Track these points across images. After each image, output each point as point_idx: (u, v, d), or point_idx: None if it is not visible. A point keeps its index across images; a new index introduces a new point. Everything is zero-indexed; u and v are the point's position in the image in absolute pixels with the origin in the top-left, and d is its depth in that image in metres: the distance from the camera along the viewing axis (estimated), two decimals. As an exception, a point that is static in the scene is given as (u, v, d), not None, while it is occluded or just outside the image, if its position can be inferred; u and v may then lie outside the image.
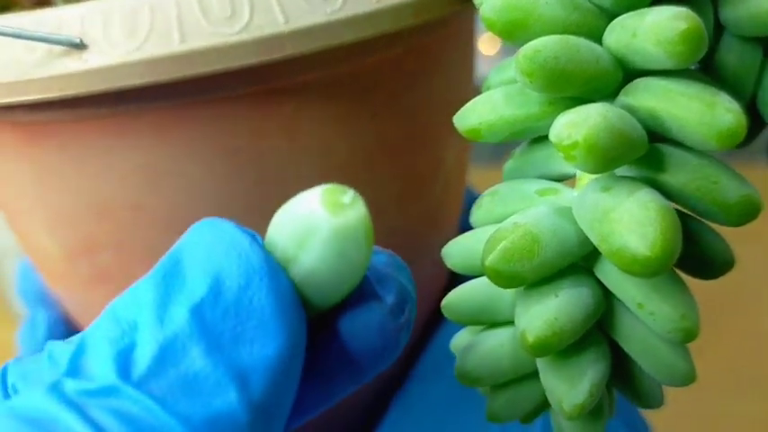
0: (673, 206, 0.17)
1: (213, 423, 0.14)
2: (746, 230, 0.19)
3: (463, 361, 0.20)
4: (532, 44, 0.18)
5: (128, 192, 0.24)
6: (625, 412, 0.29)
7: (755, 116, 0.21)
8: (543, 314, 0.18)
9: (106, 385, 0.14)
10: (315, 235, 0.15)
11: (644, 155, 0.18)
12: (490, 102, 0.20)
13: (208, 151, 0.23)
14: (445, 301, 0.20)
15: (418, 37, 0.24)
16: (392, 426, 0.29)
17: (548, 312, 0.18)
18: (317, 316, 0.17)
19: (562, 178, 0.20)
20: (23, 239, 0.28)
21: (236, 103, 0.22)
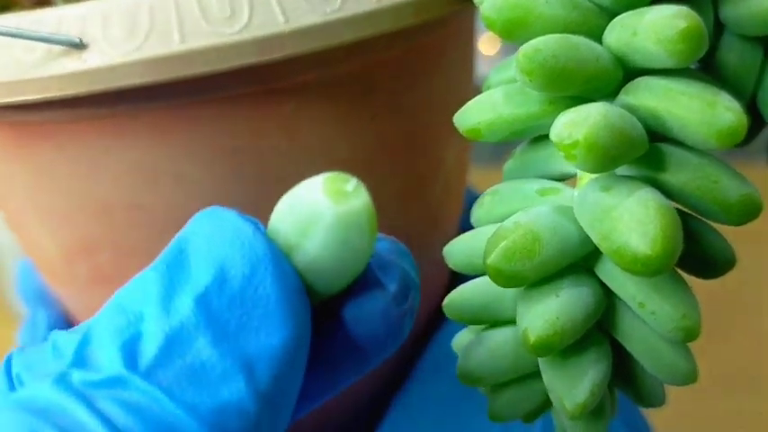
0: (673, 205, 0.17)
1: (221, 412, 0.14)
2: (747, 230, 0.19)
3: (465, 360, 0.20)
4: (532, 43, 0.18)
5: (126, 192, 0.24)
6: (626, 412, 0.29)
7: (755, 115, 0.21)
8: (545, 313, 0.18)
9: (113, 376, 0.14)
10: (318, 223, 0.15)
11: (644, 154, 0.18)
12: (490, 101, 0.20)
13: (207, 151, 0.23)
14: (446, 301, 0.20)
15: (418, 37, 0.24)
16: (393, 425, 0.29)
17: (549, 312, 0.18)
18: (321, 304, 0.17)
19: (563, 178, 0.20)
20: (22, 239, 0.28)
21: (235, 103, 0.22)
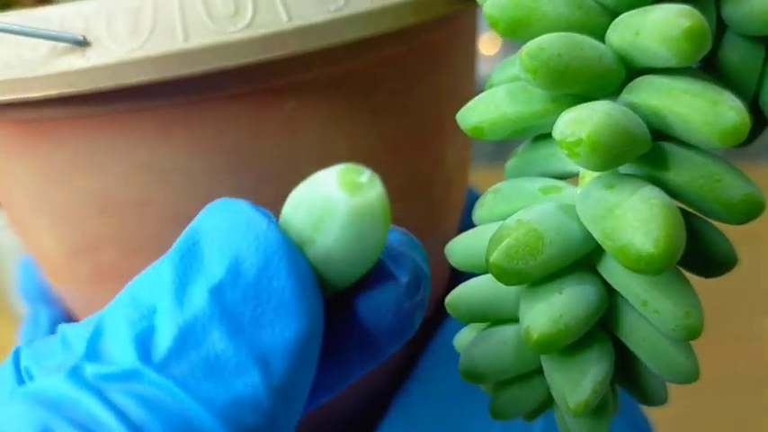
0: (676, 204, 0.17)
1: (236, 406, 0.14)
2: (747, 230, 0.19)
3: (467, 358, 0.20)
4: (536, 41, 0.18)
5: (130, 189, 0.24)
6: (628, 411, 0.29)
7: (758, 115, 0.21)
8: (547, 311, 0.18)
9: (127, 369, 0.14)
10: (332, 215, 0.15)
11: (647, 153, 0.18)
12: (493, 99, 0.20)
13: (211, 148, 0.23)
14: (449, 299, 0.20)
15: (421, 35, 0.24)
16: (394, 423, 0.29)
17: (552, 309, 0.18)
18: (333, 296, 0.17)
19: (565, 176, 0.20)
20: (25, 237, 0.28)
21: (237, 102, 0.22)
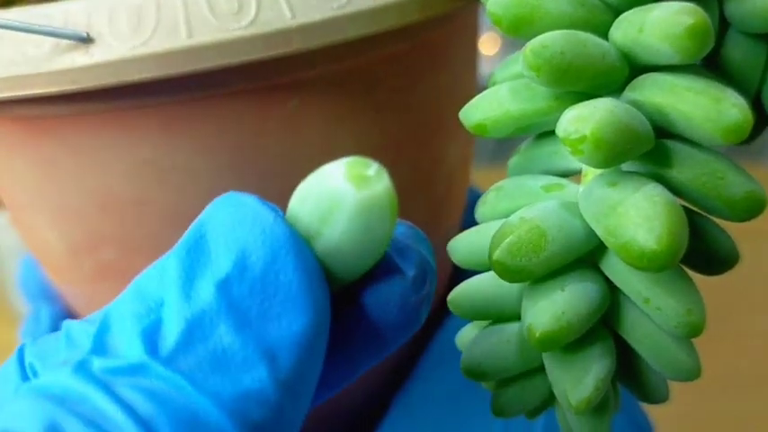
0: (679, 202, 0.17)
1: (243, 400, 0.14)
2: (748, 228, 0.19)
3: (469, 355, 0.20)
4: (540, 39, 0.18)
5: (132, 186, 0.24)
6: (628, 409, 0.29)
7: (760, 112, 0.21)
8: (550, 308, 0.18)
9: (134, 363, 0.14)
10: (339, 209, 0.15)
11: (650, 150, 0.18)
12: (496, 97, 0.20)
13: (213, 146, 0.23)
14: (451, 296, 0.20)
15: (423, 33, 0.24)
16: (395, 422, 0.29)
17: (554, 307, 0.18)
18: (340, 289, 0.17)
19: (567, 174, 0.20)
20: (27, 234, 0.28)
21: (242, 98, 0.22)
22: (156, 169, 0.23)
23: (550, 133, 0.19)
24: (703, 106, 0.17)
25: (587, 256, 0.19)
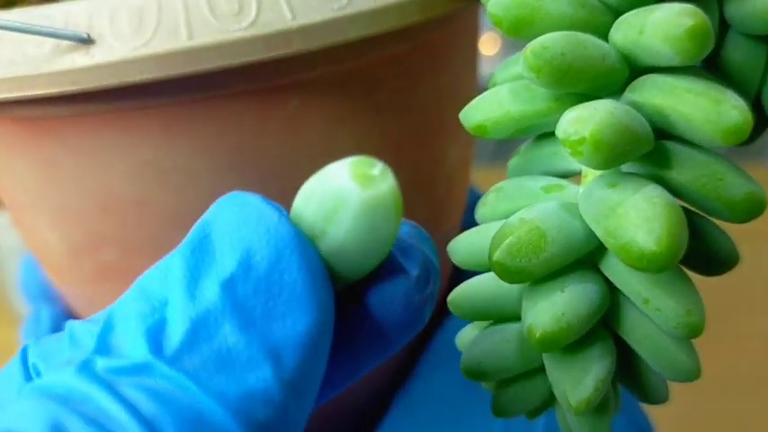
0: (678, 203, 0.17)
1: (248, 399, 0.14)
2: (748, 229, 0.19)
3: (469, 356, 0.20)
4: (540, 40, 0.18)
5: (133, 187, 0.24)
6: (628, 409, 0.29)
7: (760, 114, 0.21)
8: (550, 309, 0.18)
9: (138, 362, 0.14)
10: (344, 208, 0.15)
11: (650, 151, 0.18)
12: (496, 98, 0.20)
13: (214, 147, 0.23)
14: (451, 297, 0.20)
15: (424, 33, 0.24)
16: (395, 422, 0.29)
17: (554, 307, 0.18)
18: (344, 288, 0.17)
19: (567, 175, 0.20)
20: (28, 235, 0.28)
21: (242, 99, 0.22)
22: (157, 170, 0.23)
23: (550, 134, 0.19)
24: (703, 108, 0.17)
25: (587, 257, 0.19)
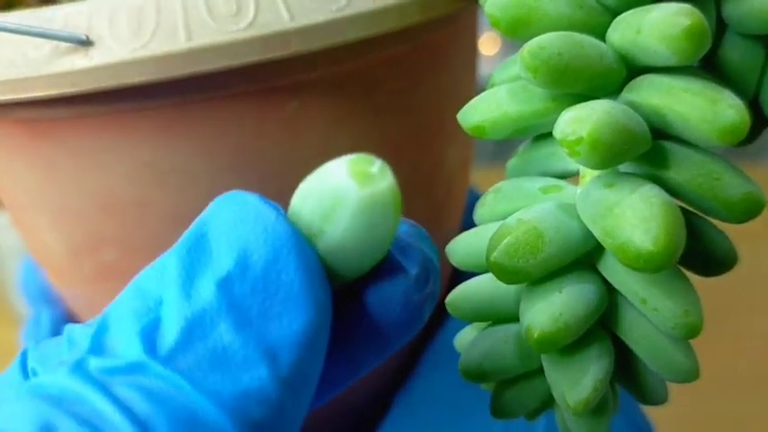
0: (676, 203, 0.17)
1: (243, 399, 0.14)
2: (745, 229, 0.19)
3: (467, 357, 0.20)
4: (537, 40, 0.18)
5: (132, 188, 0.24)
6: (627, 410, 0.29)
7: (758, 114, 0.21)
8: (548, 310, 0.18)
9: (132, 362, 0.14)
10: (342, 206, 0.15)
11: (647, 151, 0.18)
12: (494, 99, 0.20)
13: (213, 148, 0.23)
14: (449, 298, 0.20)
15: (422, 35, 0.24)
16: (395, 423, 0.29)
17: (552, 308, 0.18)
18: (342, 288, 0.17)
19: (565, 175, 0.20)
20: (28, 236, 0.28)
21: (241, 101, 0.22)
22: (156, 171, 0.23)
23: (548, 135, 0.19)
24: (700, 107, 0.17)
25: (585, 258, 0.19)
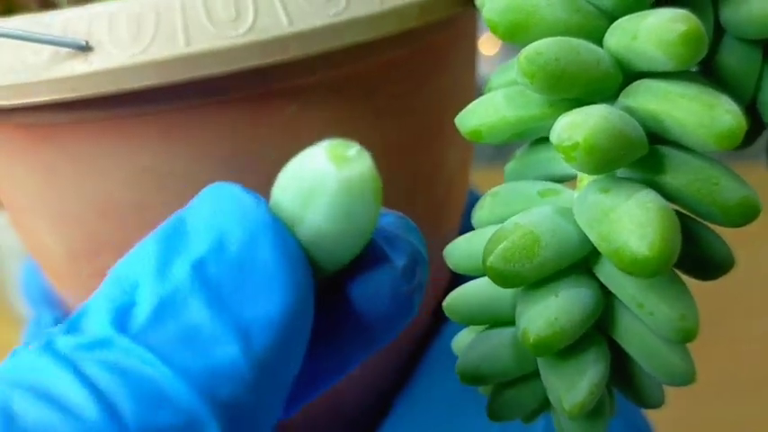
0: (672, 207, 0.17)
1: (212, 376, 0.14)
2: (742, 232, 0.19)
3: (465, 360, 0.20)
4: (534, 46, 0.18)
5: (132, 192, 0.24)
6: (627, 413, 0.29)
7: (755, 118, 0.21)
8: (544, 314, 0.18)
9: (100, 338, 0.14)
10: (321, 190, 0.15)
11: (644, 156, 0.18)
12: (492, 103, 0.20)
13: (213, 152, 0.23)
14: (447, 301, 0.20)
15: (422, 38, 0.24)
16: (394, 426, 0.29)
17: (548, 312, 0.18)
18: (327, 280, 0.16)
19: (563, 179, 0.20)
20: (28, 239, 0.28)
21: (240, 105, 0.22)
22: (156, 176, 0.23)
23: (546, 139, 0.19)
24: (697, 113, 0.17)
25: (581, 262, 0.19)
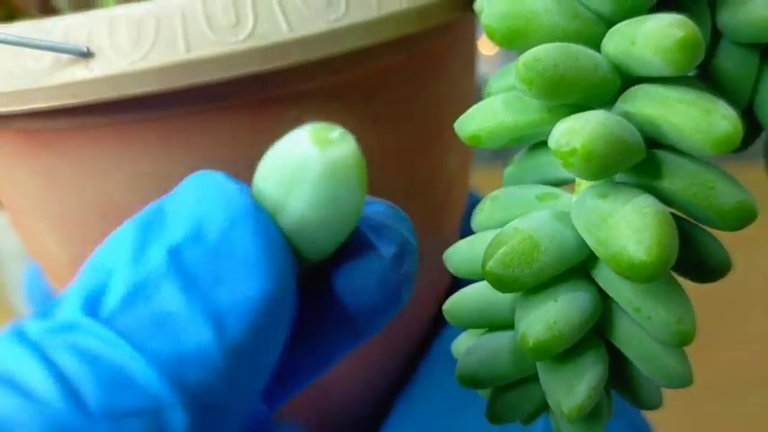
0: (670, 210, 0.18)
1: (182, 361, 0.13)
2: (739, 235, 0.19)
3: (464, 364, 0.20)
4: (532, 52, 0.18)
5: (133, 195, 0.24)
6: (627, 414, 0.29)
7: (752, 121, 0.22)
8: (543, 318, 0.18)
9: (69, 321, 0.14)
10: (304, 173, 0.15)
11: (642, 161, 0.18)
12: (490, 108, 0.20)
13: (213, 158, 0.23)
14: (446, 305, 0.20)
15: (421, 43, 0.25)
16: (395, 427, 0.29)
17: (547, 316, 0.18)
18: (312, 269, 0.16)
19: (562, 183, 0.20)
20: (30, 243, 0.28)
21: (240, 111, 0.22)
22: (156, 179, 0.23)
23: (544, 144, 0.19)
24: (694, 118, 0.17)
25: (580, 266, 0.19)
